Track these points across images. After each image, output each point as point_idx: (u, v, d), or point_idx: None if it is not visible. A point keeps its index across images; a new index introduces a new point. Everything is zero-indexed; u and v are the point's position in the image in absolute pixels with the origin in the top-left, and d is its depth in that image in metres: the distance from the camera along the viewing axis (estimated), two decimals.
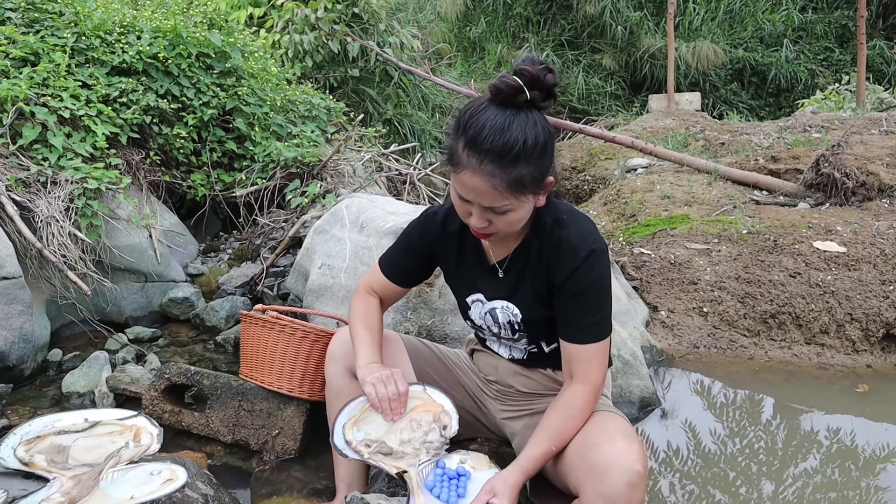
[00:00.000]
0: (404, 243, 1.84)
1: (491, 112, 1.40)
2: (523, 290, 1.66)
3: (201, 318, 3.38)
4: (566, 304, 1.59)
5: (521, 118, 1.39)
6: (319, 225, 3.21)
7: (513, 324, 1.71)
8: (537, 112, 1.43)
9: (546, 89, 1.41)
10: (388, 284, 1.86)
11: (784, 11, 12.43)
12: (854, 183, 4.11)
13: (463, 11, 13.44)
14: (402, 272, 1.86)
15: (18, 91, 3.15)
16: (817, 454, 2.35)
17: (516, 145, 1.37)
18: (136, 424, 1.77)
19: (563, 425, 1.55)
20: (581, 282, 1.55)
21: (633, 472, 1.36)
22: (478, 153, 1.39)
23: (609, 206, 5.00)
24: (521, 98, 1.40)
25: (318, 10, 6.56)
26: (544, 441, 1.53)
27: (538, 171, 1.43)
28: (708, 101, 11.72)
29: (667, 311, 3.31)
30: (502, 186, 1.40)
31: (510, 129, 1.38)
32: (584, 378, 1.58)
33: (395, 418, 1.63)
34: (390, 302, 1.93)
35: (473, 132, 1.40)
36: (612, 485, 1.36)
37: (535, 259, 1.62)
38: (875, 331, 3.08)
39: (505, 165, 1.38)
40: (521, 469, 1.51)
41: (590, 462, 1.42)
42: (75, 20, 3.80)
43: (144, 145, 3.93)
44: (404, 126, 7.66)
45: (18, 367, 2.72)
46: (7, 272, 2.71)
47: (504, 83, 1.39)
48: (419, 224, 1.81)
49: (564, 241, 1.56)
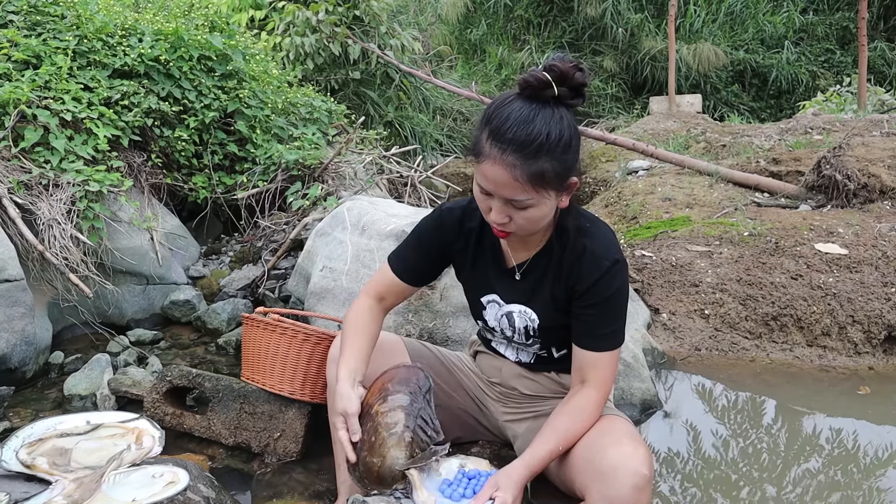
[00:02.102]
0: (416, 240, 1.81)
1: (517, 104, 1.40)
2: (542, 296, 1.66)
3: (203, 320, 3.39)
4: (586, 313, 1.59)
5: (546, 112, 1.39)
6: (321, 227, 3.21)
7: (529, 329, 1.70)
8: (564, 109, 1.42)
9: (575, 87, 1.41)
10: (396, 283, 1.81)
11: (785, 13, 12.42)
12: (856, 185, 4.11)
13: (464, 14, 13.45)
14: (411, 269, 1.81)
15: (20, 94, 3.16)
16: (819, 456, 2.35)
17: (539, 137, 1.37)
18: (137, 427, 1.77)
19: (571, 427, 1.55)
20: (603, 291, 1.56)
21: (640, 475, 1.36)
22: (500, 143, 1.38)
23: (610, 208, 5.00)
24: (548, 93, 1.39)
25: (319, 13, 6.56)
26: (551, 440, 1.53)
27: (561, 167, 1.42)
28: (709, 103, 11.72)
29: (668, 313, 3.31)
30: (523, 178, 1.39)
31: (534, 121, 1.38)
32: (597, 384, 1.59)
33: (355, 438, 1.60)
34: (395, 303, 1.87)
35: (497, 122, 1.40)
36: (618, 488, 1.36)
37: (557, 266, 1.62)
38: (877, 333, 3.08)
39: (526, 157, 1.38)
40: (525, 465, 1.51)
41: (596, 465, 1.42)
42: (77, 23, 3.81)
43: (146, 148, 3.94)
44: (405, 128, 7.67)
45: (20, 369, 2.72)
46: (9, 275, 2.71)
47: (533, 76, 1.39)
48: (433, 220, 1.78)
49: (588, 250, 1.56)
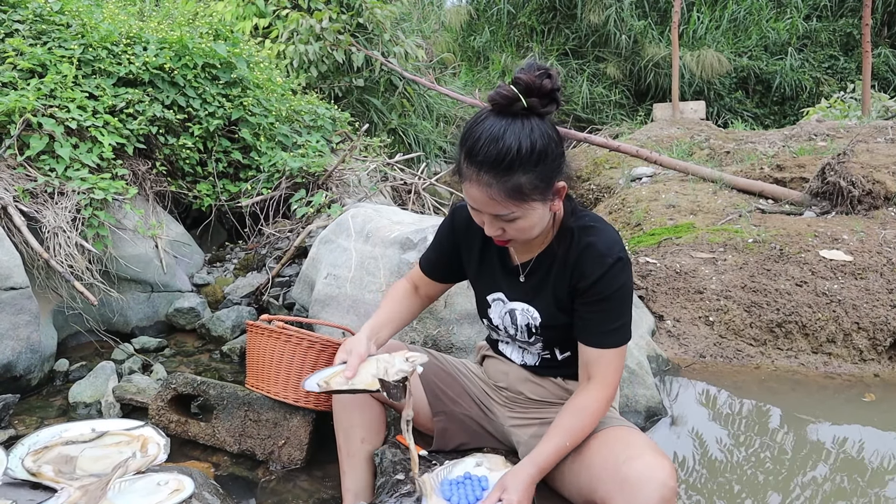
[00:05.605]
0: (436, 241, 1.89)
1: (489, 122, 1.41)
2: (545, 295, 1.67)
3: (207, 327, 3.39)
4: (589, 310, 1.59)
5: (516, 126, 1.39)
6: (325, 235, 3.21)
7: (530, 327, 1.71)
8: (537, 119, 1.42)
9: (544, 95, 1.41)
10: (426, 280, 1.93)
11: (788, 20, 12.45)
12: (860, 191, 4.10)
13: (467, 21, 13.51)
14: (434, 266, 1.91)
15: (26, 102, 3.17)
16: (824, 464, 2.34)
17: (509, 153, 1.37)
18: (143, 434, 1.77)
19: (576, 424, 1.55)
20: (605, 288, 1.56)
21: (667, 487, 1.37)
22: (475, 164, 1.40)
23: (614, 215, 5.00)
24: (517, 106, 1.40)
25: (322, 21, 6.59)
26: (557, 437, 1.53)
27: (538, 178, 1.42)
28: (712, 110, 11.73)
29: (672, 320, 3.30)
30: (500, 196, 1.41)
31: (504, 137, 1.38)
32: (603, 381, 1.59)
33: (348, 374, 1.61)
34: (429, 295, 1.98)
35: (471, 143, 1.41)
36: (645, 499, 1.36)
37: (560, 265, 1.62)
38: (882, 340, 3.07)
39: (500, 174, 1.39)
40: (532, 463, 1.51)
41: (622, 476, 1.42)
42: (82, 32, 3.83)
43: (150, 155, 3.95)
44: (409, 135, 7.69)
45: (25, 377, 2.73)
46: (14, 282, 2.72)
47: (499, 93, 1.40)
48: (447, 219, 1.85)
49: (592, 248, 1.56)
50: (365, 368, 1.63)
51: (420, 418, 1.90)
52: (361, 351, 1.65)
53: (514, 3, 12.80)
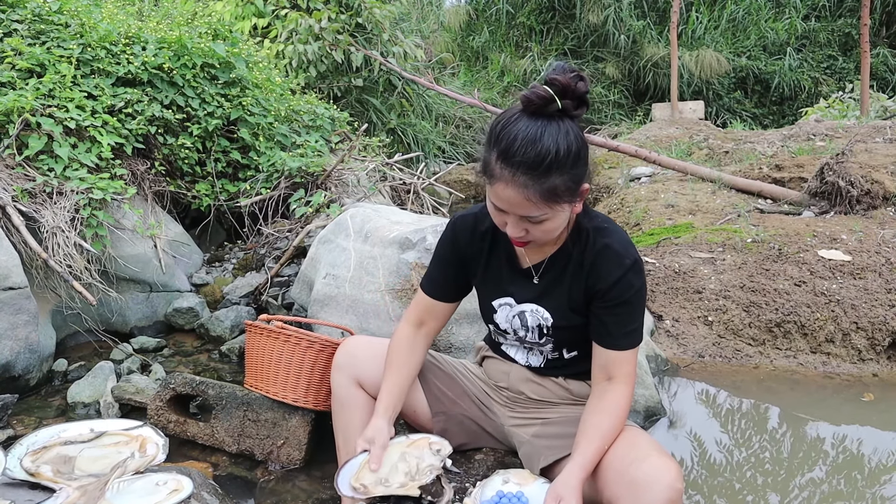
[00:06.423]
0: (437, 257, 1.83)
1: (523, 123, 1.40)
2: (558, 296, 1.67)
3: (206, 327, 3.39)
4: (608, 313, 1.60)
5: (552, 128, 1.39)
6: (324, 235, 3.21)
7: (542, 327, 1.71)
8: (569, 120, 1.42)
9: (577, 97, 1.41)
10: (431, 304, 1.83)
11: (787, 20, 12.45)
12: (859, 191, 4.10)
13: (466, 21, 13.51)
14: (440, 286, 1.83)
15: (24, 102, 3.17)
16: (823, 464, 2.34)
17: (548, 156, 1.37)
18: (141, 434, 1.77)
19: (612, 424, 1.56)
20: (624, 291, 1.57)
21: (674, 489, 1.37)
22: (511, 165, 1.39)
23: (613, 214, 5.00)
24: (552, 108, 1.40)
25: (321, 21, 6.59)
26: (597, 439, 1.53)
27: (572, 179, 1.43)
28: (711, 110, 11.74)
29: (671, 319, 3.30)
30: (536, 197, 1.40)
31: (542, 139, 1.38)
32: (625, 379, 1.60)
33: (374, 467, 1.61)
34: (437, 325, 1.88)
35: (506, 144, 1.40)
36: (653, 501, 1.37)
37: (575, 266, 1.63)
38: (881, 339, 3.07)
39: (538, 176, 1.38)
40: (580, 467, 1.50)
41: (630, 478, 1.42)
42: (81, 31, 3.83)
43: (149, 155, 3.95)
44: (408, 135, 7.70)
45: (24, 377, 2.72)
46: (13, 282, 2.72)
47: (535, 94, 1.39)
48: (447, 233, 1.80)
49: (609, 250, 1.57)
50: (389, 458, 1.63)
51: (420, 419, 1.90)
52: (384, 441, 1.65)
53: (513, 3, 12.81)
